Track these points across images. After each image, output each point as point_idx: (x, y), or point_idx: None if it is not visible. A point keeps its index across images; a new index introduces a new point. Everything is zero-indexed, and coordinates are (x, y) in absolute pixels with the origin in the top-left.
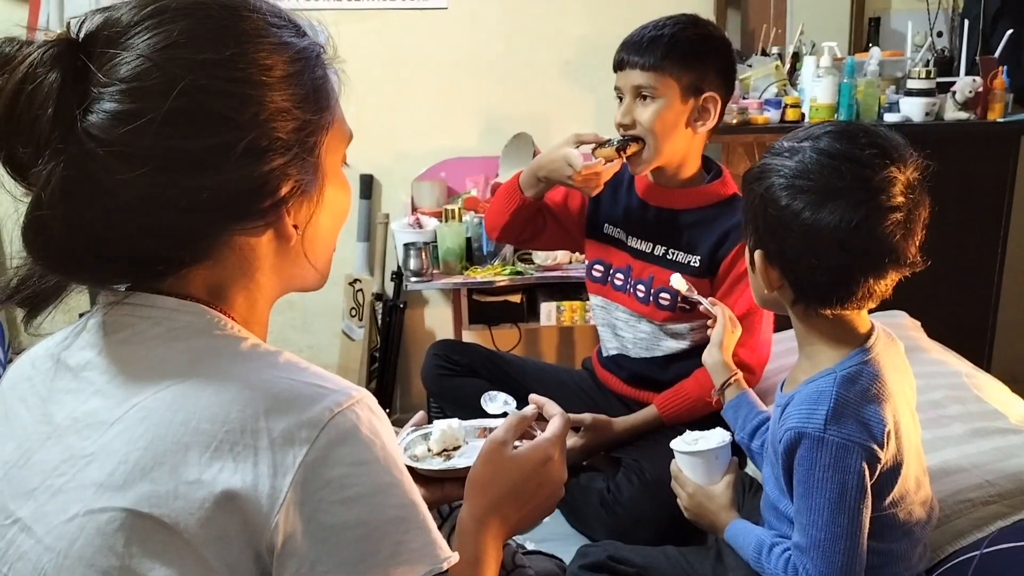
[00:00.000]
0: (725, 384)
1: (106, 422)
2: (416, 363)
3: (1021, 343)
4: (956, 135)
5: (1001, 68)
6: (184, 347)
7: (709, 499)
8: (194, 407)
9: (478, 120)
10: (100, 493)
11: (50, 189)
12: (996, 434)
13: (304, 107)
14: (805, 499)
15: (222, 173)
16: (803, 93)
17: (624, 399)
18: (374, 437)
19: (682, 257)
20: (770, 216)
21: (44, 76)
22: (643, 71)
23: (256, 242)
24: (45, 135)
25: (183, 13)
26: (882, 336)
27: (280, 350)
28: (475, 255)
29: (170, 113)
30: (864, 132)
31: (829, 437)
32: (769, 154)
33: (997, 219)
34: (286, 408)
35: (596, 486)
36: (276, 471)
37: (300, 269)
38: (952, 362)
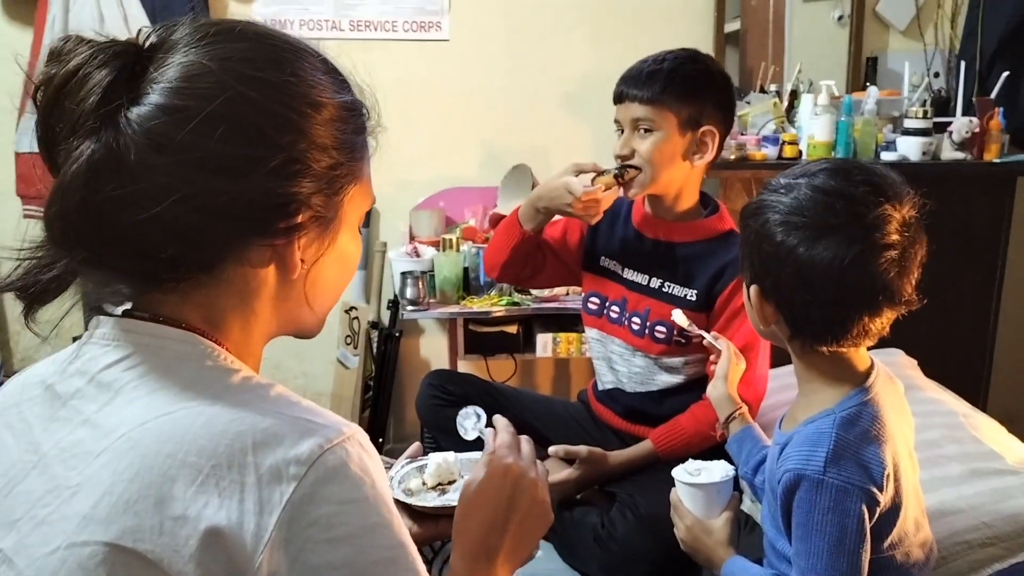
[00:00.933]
0: (730, 418)
1: (92, 452)
2: (411, 392)
3: (1017, 383)
4: (953, 175)
5: (997, 109)
6: (174, 377)
7: (707, 533)
8: (182, 439)
9: (478, 151)
10: (83, 526)
11: (78, 165)
12: (993, 475)
13: (340, 151)
14: (804, 541)
15: (247, 183)
16: (801, 130)
17: (619, 433)
18: (364, 475)
19: (678, 290)
20: (765, 252)
21: (100, 66)
22: (642, 104)
23: (260, 271)
24: (85, 115)
25: (249, 36)
26: (882, 375)
27: (272, 383)
28: (472, 285)
29: (212, 115)
30: (859, 169)
31: (829, 480)
32: (766, 190)
33: (993, 259)
34: (275, 443)
35: (590, 521)
36: (262, 508)
37: (299, 309)
38: (949, 401)
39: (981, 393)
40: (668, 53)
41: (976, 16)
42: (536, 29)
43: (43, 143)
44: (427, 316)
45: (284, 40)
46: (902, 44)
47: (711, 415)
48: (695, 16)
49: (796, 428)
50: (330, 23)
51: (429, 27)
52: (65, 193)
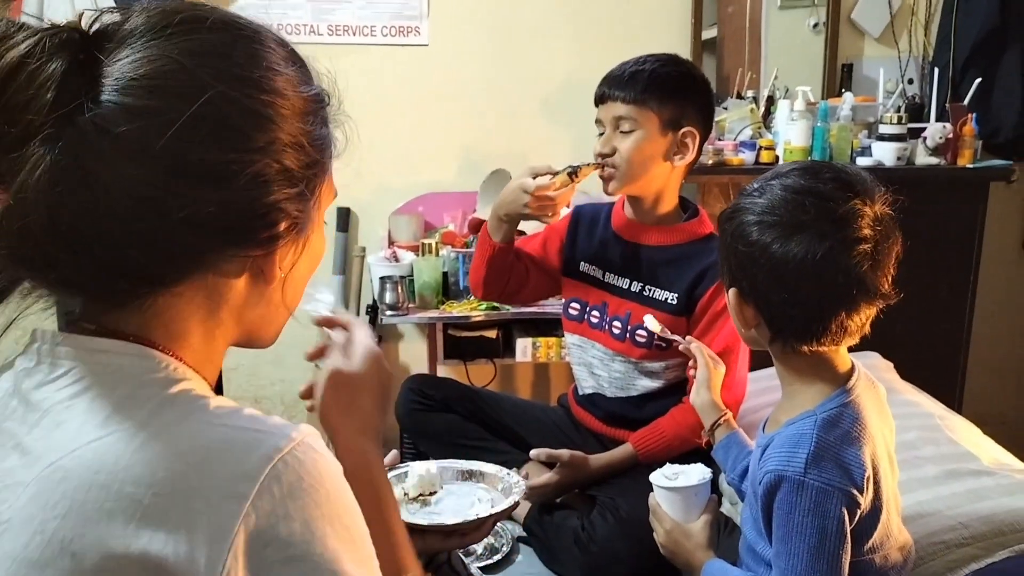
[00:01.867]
0: (715, 425)
1: (22, 483)
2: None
3: (992, 385)
4: (927, 180)
5: (970, 115)
6: (108, 396)
7: (686, 537)
8: (114, 467)
9: (457, 156)
10: (14, 569)
11: (38, 175)
12: (969, 476)
13: (313, 147)
14: (784, 543)
15: (231, 192)
16: (777, 136)
17: (600, 437)
18: (319, 485)
19: (659, 294)
20: (741, 252)
21: (47, 59)
22: (624, 104)
23: (233, 282)
24: (40, 119)
25: (218, 26)
26: (863, 378)
27: (208, 394)
28: (451, 290)
29: (192, 118)
30: (828, 168)
31: (809, 481)
32: (742, 195)
33: (967, 262)
34: (218, 461)
35: (570, 524)
36: (213, 536)
37: (270, 316)
38: (925, 404)
39: (956, 395)
40: (650, 56)
41: (949, 24)
42: (515, 34)
43: None
44: (406, 321)
45: (252, 28)
46: (877, 51)
47: (691, 419)
48: (673, 23)
49: (778, 430)
50: (308, 27)
51: (408, 32)
52: (26, 208)
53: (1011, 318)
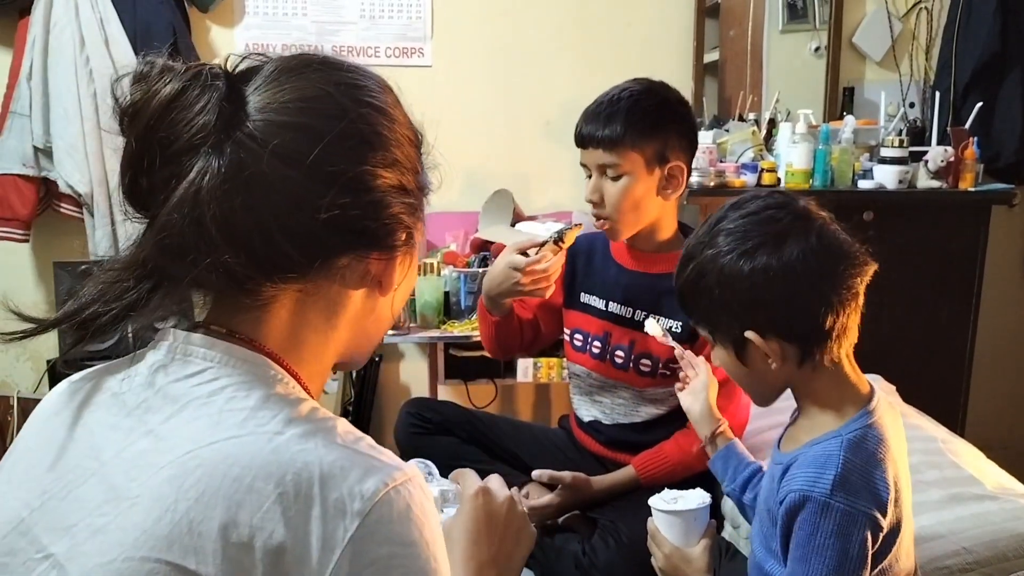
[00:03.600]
0: (713, 435)
1: (155, 465)
2: (390, 417)
3: (994, 409)
4: (929, 203)
5: (972, 139)
6: (244, 400)
7: (686, 562)
8: (250, 464)
9: (459, 176)
10: (143, 540)
11: (209, 177)
12: (973, 500)
13: (423, 175)
14: (802, 563)
15: (364, 198)
16: (779, 158)
17: (601, 459)
18: (424, 518)
19: (662, 322)
20: (742, 291)
21: (203, 89)
22: (606, 150)
23: (354, 289)
24: (204, 134)
25: (349, 67)
26: (883, 400)
27: (336, 417)
28: (452, 309)
29: (339, 134)
30: (751, 194)
31: (835, 503)
32: (687, 260)
33: (969, 285)
34: (340, 477)
35: (571, 548)
36: (325, 543)
37: (374, 329)
38: (928, 427)
39: (959, 418)
40: (622, 89)
41: (950, 49)
42: (518, 56)
43: (139, 159)
44: (407, 340)
45: (372, 72)
46: (878, 75)
47: (695, 443)
48: (675, 46)
49: (799, 449)
50: (312, 49)
51: (412, 53)
52: (199, 203)
53: (1013, 342)
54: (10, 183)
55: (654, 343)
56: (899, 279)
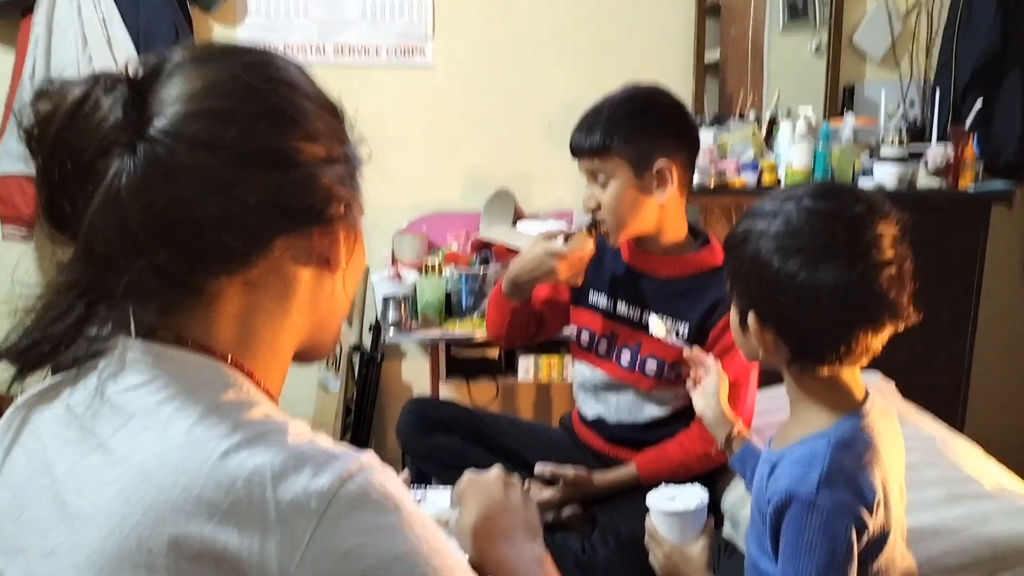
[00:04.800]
0: (729, 438)
1: (106, 480)
2: (392, 416)
3: (994, 407)
4: (928, 202)
5: (971, 137)
6: (192, 407)
7: (685, 560)
8: (198, 473)
9: (460, 176)
10: (93, 560)
11: (126, 178)
12: (971, 499)
13: (350, 146)
14: (791, 562)
15: (296, 174)
16: (779, 157)
17: (602, 456)
18: (386, 500)
19: (670, 325)
20: (764, 280)
21: (106, 92)
22: (590, 158)
23: (302, 269)
24: (113, 135)
25: (257, 50)
26: (878, 404)
27: (288, 419)
28: (454, 309)
29: (251, 114)
30: (847, 190)
31: (821, 502)
32: (750, 217)
33: (969, 284)
34: (294, 477)
35: (571, 547)
36: (284, 547)
37: (330, 315)
38: (927, 425)
39: (958, 416)
40: (607, 99)
41: (950, 48)
42: (520, 56)
43: (52, 175)
44: (409, 340)
45: (279, 51)
46: (878, 74)
47: (699, 448)
48: (676, 46)
49: (787, 447)
50: (314, 47)
51: (413, 52)
52: (121, 206)
53: (1013, 340)
54: (13, 183)
55: (660, 346)
56: None
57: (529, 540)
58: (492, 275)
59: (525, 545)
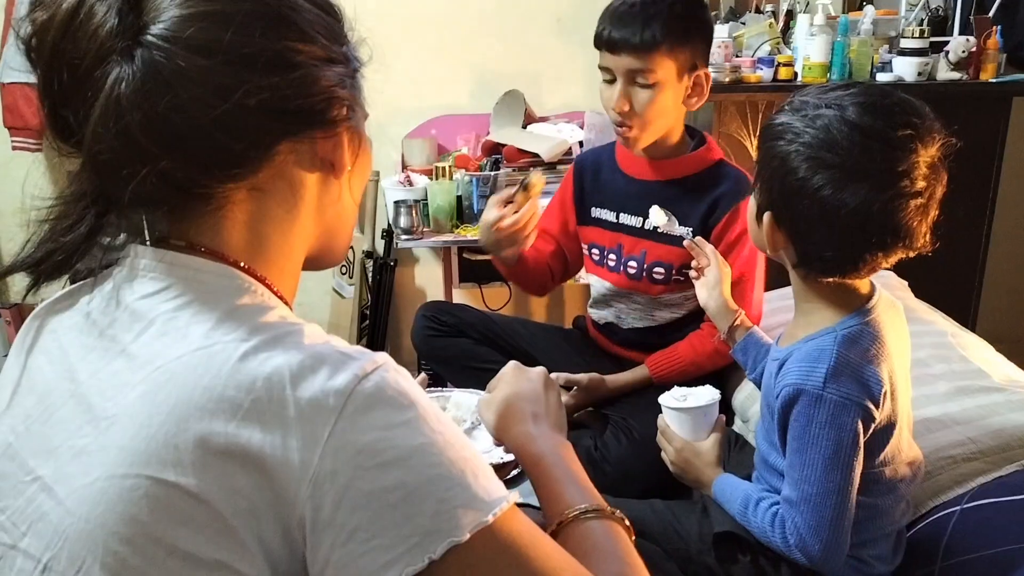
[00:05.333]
0: (732, 326)
1: (129, 383)
2: (406, 321)
3: (1007, 303)
4: (948, 95)
5: (995, 28)
6: (210, 312)
7: (696, 455)
8: (219, 372)
9: (469, 77)
10: (122, 458)
11: (125, 83)
12: (979, 392)
13: (348, 47)
14: (799, 454)
15: (297, 75)
16: (796, 52)
17: (616, 357)
18: (402, 397)
19: (670, 215)
20: (788, 184)
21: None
22: (639, 56)
23: (307, 173)
24: (110, 42)
25: None
26: (883, 298)
27: (303, 321)
28: (465, 213)
29: (251, 13)
30: (899, 108)
31: (828, 395)
32: (790, 109)
33: (987, 180)
34: (311, 376)
35: (584, 444)
36: (305, 442)
37: (339, 221)
38: (938, 322)
39: (971, 313)
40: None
41: None
42: None
43: (52, 86)
44: (421, 245)
45: None
46: None
47: (709, 346)
48: None
49: (795, 344)
50: None
51: None
52: (122, 112)
53: None
54: (19, 92)
55: (665, 250)
56: None
57: (555, 430)
58: (503, 178)
59: (549, 432)
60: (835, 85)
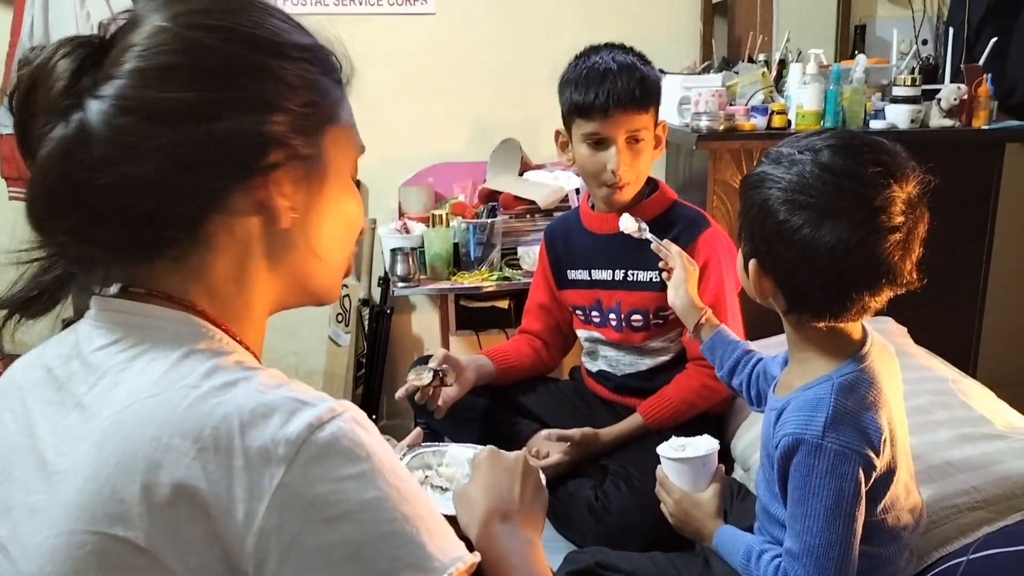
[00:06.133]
0: (698, 324)
1: (80, 436)
2: (403, 369)
3: (1006, 349)
4: (941, 142)
5: (985, 76)
6: (163, 360)
7: (695, 507)
8: (166, 422)
9: (466, 126)
10: (71, 514)
11: (53, 145)
12: (982, 440)
13: (310, 90)
14: (800, 505)
15: (212, 128)
16: (789, 100)
17: (611, 404)
18: (358, 448)
19: (642, 275)
20: (768, 229)
21: (63, 56)
22: (637, 114)
23: (247, 223)
24: (54, 101)
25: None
26: (876, 343)
27: (261, 366)
28: (462, 260)
29: (169, 67)
30: (868, 147)
31: (827, 444)
32: (767, 161)
33: (982, 226)
34: (262, 424)
35: (584, 494)
36: (252, 494)
37: (305, 266)
38: (938, 368)
39: (970, 359)
40: (620, 52)
41: None
42: (523, 2)
43: (21, 142)
44: (418, 292)
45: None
46: (890, 11)
47: (695, 382)
48: None
49: (792, 394)
50: None
51: (415, 0)
52: (44, 173)
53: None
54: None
55: (639, 297)
56: None
57: (526, 527)
58: (499, 225)
59: (517, 531)
60: (809, 133)
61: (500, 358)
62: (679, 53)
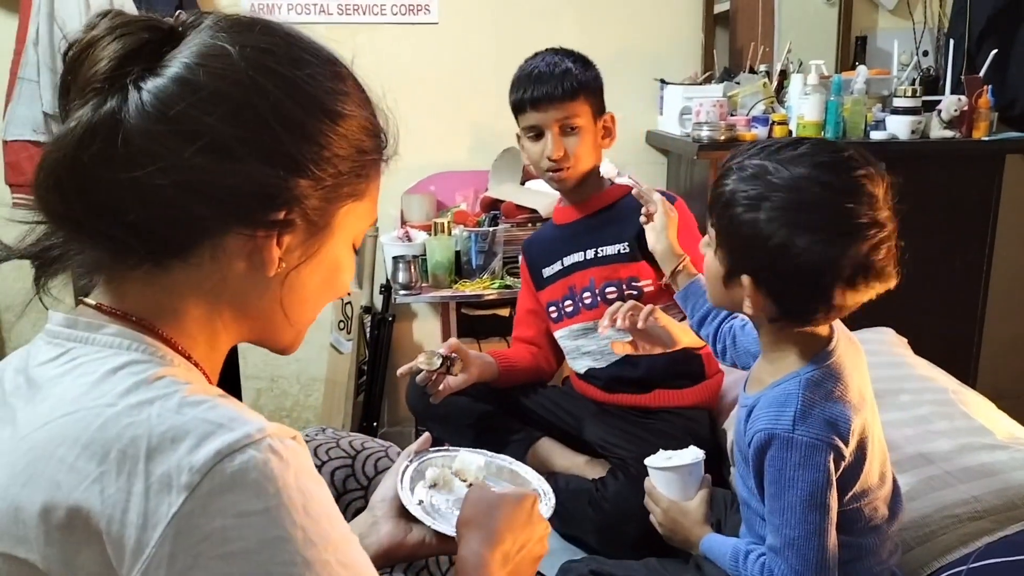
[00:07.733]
0: (675, 270)
1: (3, 453)
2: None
3: (1006, 359)
4: (942, 153)
5: (986, 87)
6: (89, 375)
7: (683, 515)
8: (75, 442)
9: (468, 134)
10: None
11: (77, 124)
12: (982, 450)
13: (346, 163)
14: (777, 499)
15: (236, 167)
16: (790, 110)
17: (603, 405)
18: (267, 483)
19: (612, 248)
20: (769, 249)
21: (122, 36)
22: (564, 105)
23: (234, 262)
24: (95, 79)
25: (276, 32)
26: (843, 339)
27: (189, 383)
28: (464, 268)
29: (217, 93)
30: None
31: (798, 437)
32: (738, 177)
33: (982, 236)
34: (171, 448)
35: (584, 487)
36: (146, 520)
37: (272, 316)
38: (939, 378)
39: (971, 370)
40: (554, 53)
41: None
42: (525, 11)
43: (60, 102)
44: (419, 300)
45: (312, 45)
46: (891, 23)
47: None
48: None
49: (762, 391)
50: (318, 6)
51: (417, 10)
52: (58, 146)
53: None
54: (22, 149)
55: (610, 269)
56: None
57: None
58: (501, 234)
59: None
60: (777, 143)
61: (502, 359)
62: (681, 63)
